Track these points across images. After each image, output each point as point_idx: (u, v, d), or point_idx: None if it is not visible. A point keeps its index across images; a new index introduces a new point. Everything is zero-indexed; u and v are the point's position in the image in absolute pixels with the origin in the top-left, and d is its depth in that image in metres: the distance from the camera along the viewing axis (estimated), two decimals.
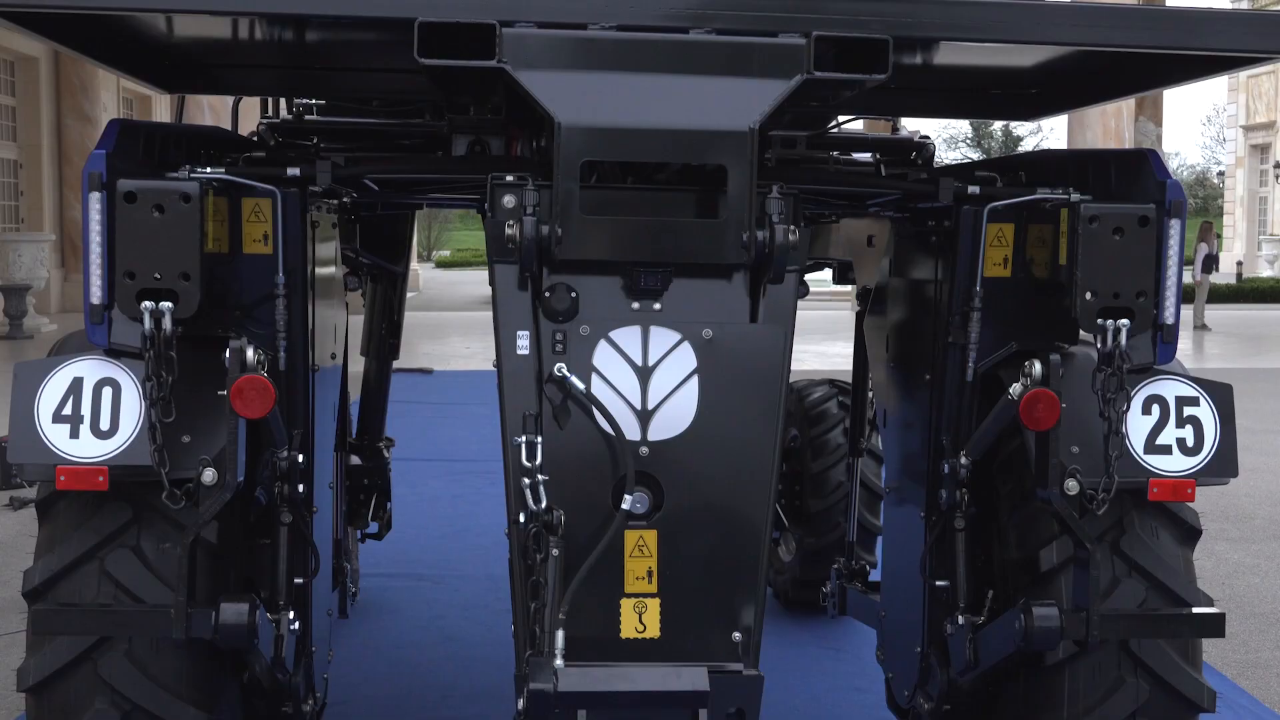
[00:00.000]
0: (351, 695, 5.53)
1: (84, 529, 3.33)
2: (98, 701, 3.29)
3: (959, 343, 3.69)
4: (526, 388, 3.28)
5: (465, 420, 12.80)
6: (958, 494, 3.74)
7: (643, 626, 3.29)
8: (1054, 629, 3.30)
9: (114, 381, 3.26)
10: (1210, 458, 3.46)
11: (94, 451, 3.22)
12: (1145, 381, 3.47)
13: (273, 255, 3.49)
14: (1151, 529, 3.57)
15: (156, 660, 3.31)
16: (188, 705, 3.33)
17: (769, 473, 3.34)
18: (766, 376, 3.33)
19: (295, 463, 3.56)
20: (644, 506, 3.30)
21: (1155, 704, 3.50)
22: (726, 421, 3.32)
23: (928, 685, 3.91)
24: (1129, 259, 3.34)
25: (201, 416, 3.26)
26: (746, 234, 3.20)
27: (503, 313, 3.29)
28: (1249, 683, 6.04)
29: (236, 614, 3.16)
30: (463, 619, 6.61)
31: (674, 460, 3.31)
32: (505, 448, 3.26)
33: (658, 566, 3.30)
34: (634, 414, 3.32)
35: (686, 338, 3.33)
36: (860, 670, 5.96)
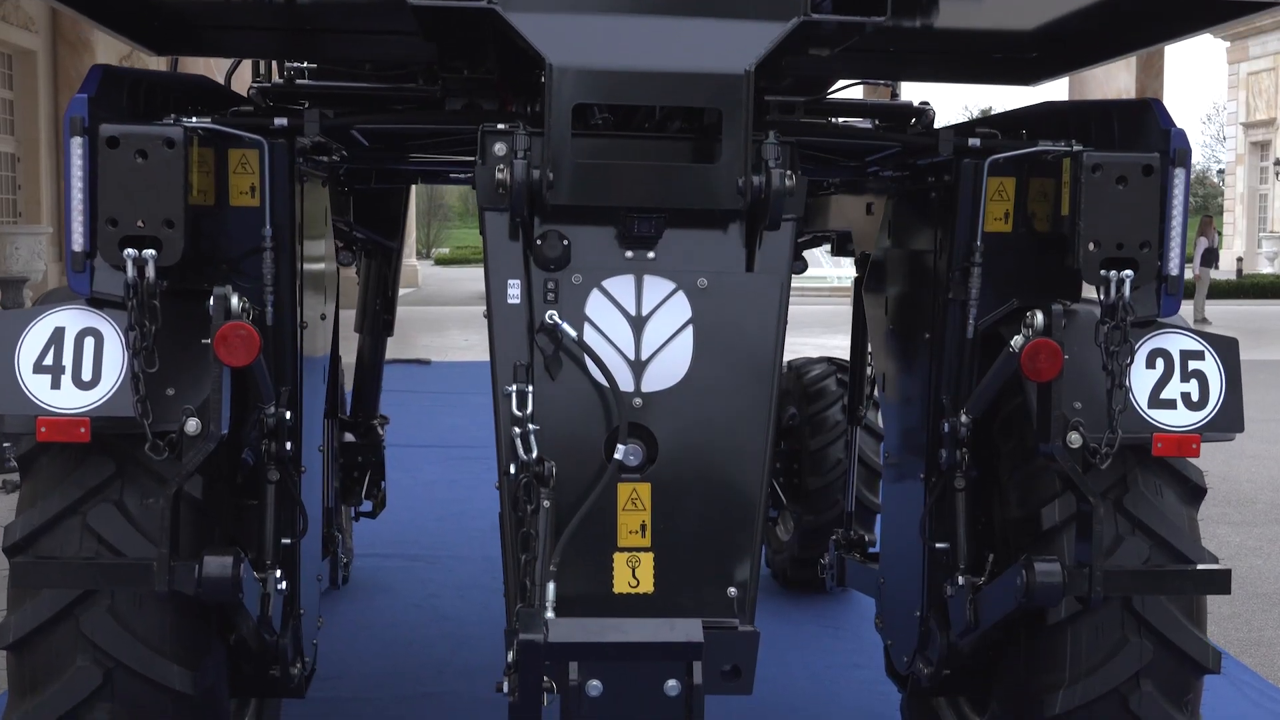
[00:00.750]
0: (343, 670, 5.46)
1: (66, 483, 3.26)
2: (79, 658, 3.22)
3: (959, 299, 3.62)
4: (517, 337, 3.21)
5: (462, 409, 12.73)
6: (958, 453, 3.67)
7: (636, 581, 3.22)
8: (1056, 585, 3.23)
9: (96, 332, 3.19)
10: (1216, 412, 3.40)
11: (75, 402, 3.15)
12: (1149, 335, 3.41)
13: (260, 208, 3.42)
14: (1155, 487, 3.50)
15: (140, 617, 3.24)
16: (171, 663, 3.26)
17: (765, 425, 3.27)
18: (763, 327, 3.26)
19: (283, 420, 3.49)
20: (637, 459, 3.23)
21: (1159, 664, 3.43)
22: (722, 373, 3.25)
23: (927, 650, 3.84)
24: (1132, 209, 3.27)
25: (186, 370, 3.19)
26: (742, 179, 3.13)
27: (493, 261, 3.22)
28: (1252, 660, 5.98)
29: (220, 567, 3.09)
30: (457, 598, 6.54)
31: (668, 412, 3.25)
32: (496, 398, 3.19)
33: (651, 520, 3.22)
34: (627, 365, 3.25)
35: (681, 287, 3.26)
36: (859, 648, 5.90)
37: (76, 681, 3.21)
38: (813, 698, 5.32)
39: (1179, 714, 3.46)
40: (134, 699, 3.25)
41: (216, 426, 3.09)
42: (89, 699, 3.22)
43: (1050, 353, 3.18)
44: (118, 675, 3.23)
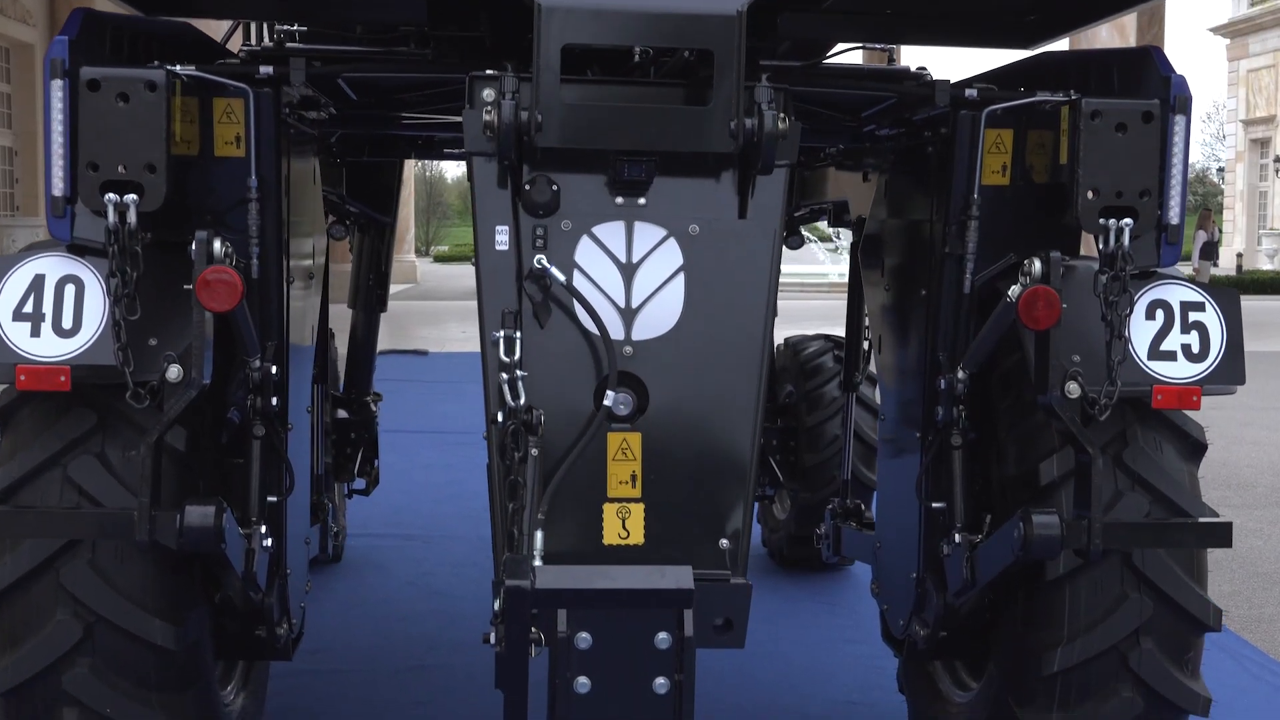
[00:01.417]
0: (333, 643, 5.41)
1: (47, 435, 3.21)
2: (59, 612, 3.16)
3: (955, 254, 3.56)
4: (505, 284, 3.16)
5: (459, 397, 12.68)
6: (955, 411, 3.61)
7: (626, 533, 3.16)
8: (1054, 537, 3.17)
9: (77, 279, 3.13)
10: (1216, 364, 3.34)
11: (56, 351, 3.09)
12: (1148, 286, 3.35)
13: (245, 158, 3.36)
14: (1155, 442, 3.44)
15: (121, 570, 3.18)
16: (153, 617, 3.20)
17: (757, 375, 3.21)
18: (755, 274, 3.21)
19: (268, 374, 3.43)
20: (628, 408, 3.17)
21: (1159, 621, 3.37)
22: (714, 321, 3.20)
23: (923, 612, 3.78)
24: (1132, 157, 3.22)
25: (169, 321, 3.14)
26: (734, 122, 3.07)
27: (481, 207, 3.17)
28: (1252, 636, 5.94)
29: (202, 517, 3.03)
30: (451, 576, 6.49)
31: (659, 361, 3.19)
32: (483, 346, 3.14)
33: (641, 471, 3.17)
34: (617, 312, 3.19)
35: (672, 234, 3.20)
36: (855, 623, 5.86)
37: (56, 635, 3.15)
38: (807, 670, 5.27)
39: (1179, 672, 3.40)
40: (115, 653, 3.19)
41: (199, 374, 3.03)
42: (69, 653, 3.16)
43: (1048, 300, 3.12)
44: (98, 629, 3.17)
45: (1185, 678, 3.41)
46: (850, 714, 4.81)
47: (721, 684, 5.01)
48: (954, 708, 3.96)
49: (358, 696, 4.87)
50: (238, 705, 3.86)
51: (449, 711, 4.72)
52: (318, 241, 4.13)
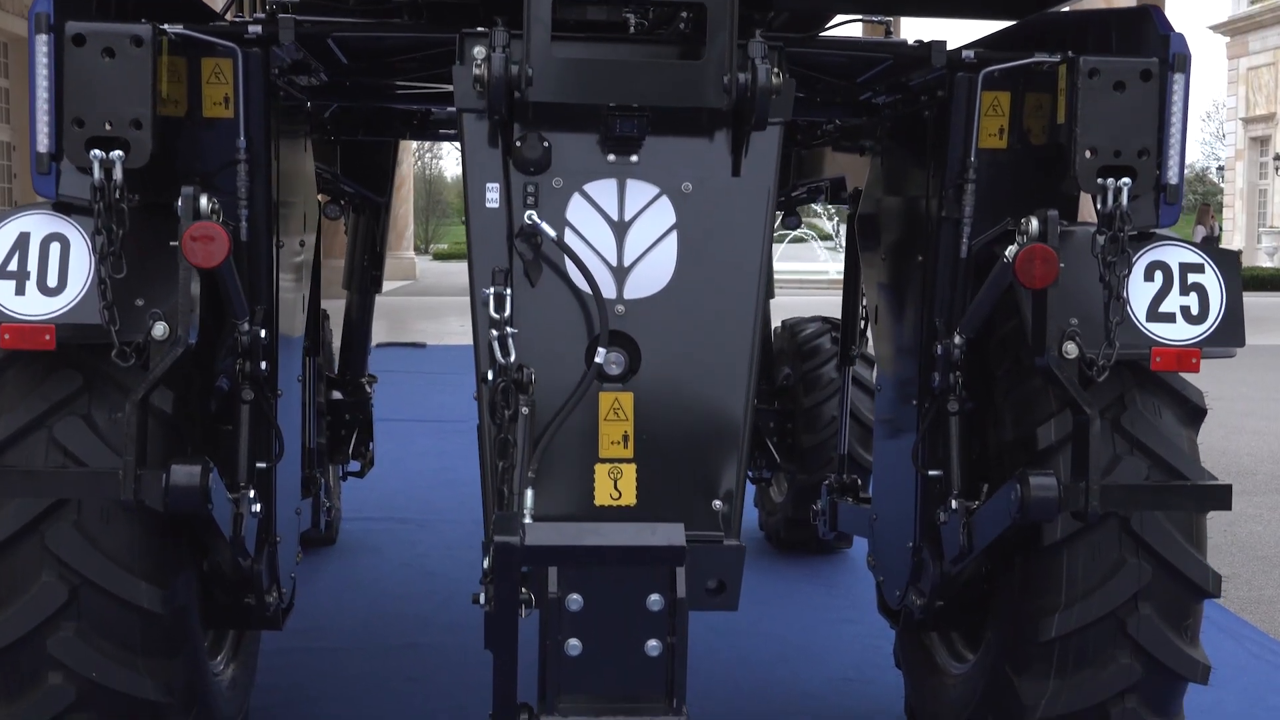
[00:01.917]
0: (325, 622, 5.38)
1: (32, 396, 3.17)
2: (45, 574, 3.12)
3: (952, 218, 3.52)
4: (496, 242, 3.12)
5: (456, 388, 12.62)
6: (951, 377, 3.57)
7: (618, 493, 3.13)
8: (1052, 499, 3.12)
9: (62, 237, 3.09)
10: (1216, 326, 3.30)
11: (41, 309, 3.05)
12: (1147, 247, 3.31)
13: (234, 119, 3.32)
14: (1154, 407, 3.40)
15: (107, 533, 3.14)
16: (139, 580, 3.16)
17: (750, 334, 3.18)
18: (749, 233, 3.17)
19: (257, 338, 3.39)
20: (620, 367, 3.13)
21: (1158, 586, 3.33)
22: (707, 280, 3.16)
23: (920, 581, 3.74)
24: (1130, 115, 3.18)
25: (157, 282, 3.10)
26: (728, 77, 3.03)
27: (471, 165, 3.13)
28: (1252, 617, 5.92)
29: (188, 476, 2.99)
30: (445, 558, 6.46)
31: (651, 320, 3.15)
32: (474, 305, 3.10)
33: (634, 431, 3.13)
34: (609, 271, 3.15)
35: (665, 191, 3.17)
36: (852, 603, 5.83)
37: (41, 598, 3.11)
38: (803, 649, 5.23)
39: (1178, 639, 3.36)
40: (101, 616, 3.15)
41: (185, 331, 2.99)
42: (54, 616, 3.12)
43: (1045, 258, 3.08)
44: (84, 592, 3.13)
45: (1184, 644, 3.37)
46: (847, 691, 4.77)
47: (717, 662, 4.98)
48: (950, 679, 3.92)
49: (350, 673, 4.84)
50: (227, 676, 3.82)
51: (442, 688, 4.69)
52: (309, 210, 4.09)
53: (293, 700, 4.53)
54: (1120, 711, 3.38)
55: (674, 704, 2.97)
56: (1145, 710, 3.39)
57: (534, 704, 2.96)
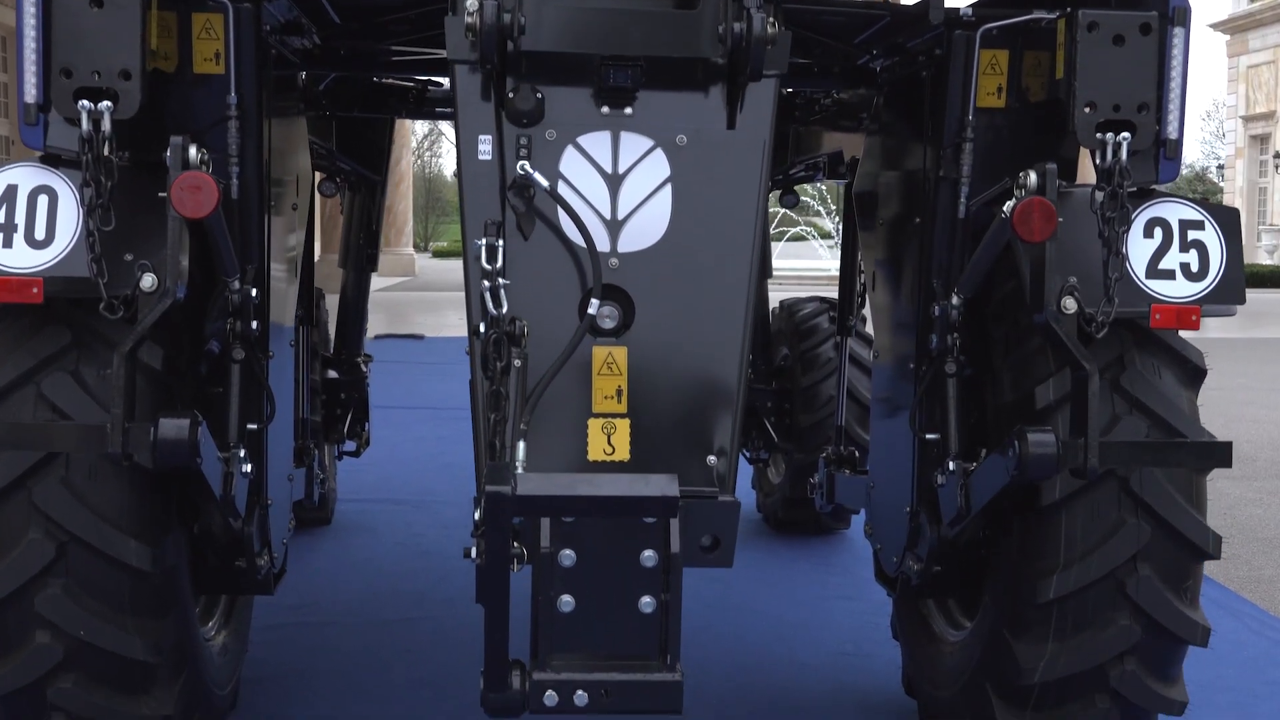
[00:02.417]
0: (321, 599, 5.36)
1: (20, 352, 3.13)
2: (32, 531, 3.09)
3: (950, 177, 3.49)
4: (488, 194, 3.09)
5: (454, 378, 12.59)
6: (949, 338, 3.54)
7: (611, 449, 3.09)
8: (1050, 455, 3.09)
9: (50, 190, 3.06)
10: (1216, 284, 3.27)
11: (28, 262, 3.02)
12: (1147, 204, 3.28)
13: (225, 75, 3.29)
14: (1153, 367, 3.37)
15: (95, 489, 3.11)
16: (128, 538, 3.12)
17: (745, 289, 3.14)
18: (744, 186, 3.14)
19: (248, 297, 3.36)
20: (613, 321, 3.10)
21: (1157, 546, 3.29)
22: (701, 233, 3.13)
23: (917, 546, 3.70)
24: (1130, 69, 3.15)
25: (147, 239, 3.06)
26: (722, 26, 3.00)
27: (464, 116, 3.10)
28: (1252, 595, 5.90)
29: (176, 429, 2.95)
30: (441, 537, 6.43)
31: (645, 273, 3.12)
32: (465, 260, 3.06)
33: (627, 385, 3.10)
34: (603, 224, 3.12)
35: (659, 144, 3.13)
36: (850, 581, 5.81)
37: (28, 555, 3.08)
38: (801, 625, 5.20)
39: (1178, 600, 3.32)
40: (89, 574, 3.12)
41: (173, 283, 2.95)
42: (41, 574, 3.09)
43: (1044, 211, 3.05)
44: (72, 549, 3.10)
45: (1184, 606, 3.33)
46: (844, 666, 4.74)
47: (713, 638, 4.95)
48: (948, 647, 3.89)
49: (345, 647, 4.81)
50: (219, 642, 3.79)
51: (437, 661, 4.65)
52: (302, 175, 4.06)
53: (286, 673, 4.50)
54: (1119, 674, 3.34)
55: (668, 661, 2.94)
56: (1144, 673, 3.36)
57: (526, 661, 2.93)
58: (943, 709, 3.82)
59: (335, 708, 4.21)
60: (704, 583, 5.61)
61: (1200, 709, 4.26)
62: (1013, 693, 3.44)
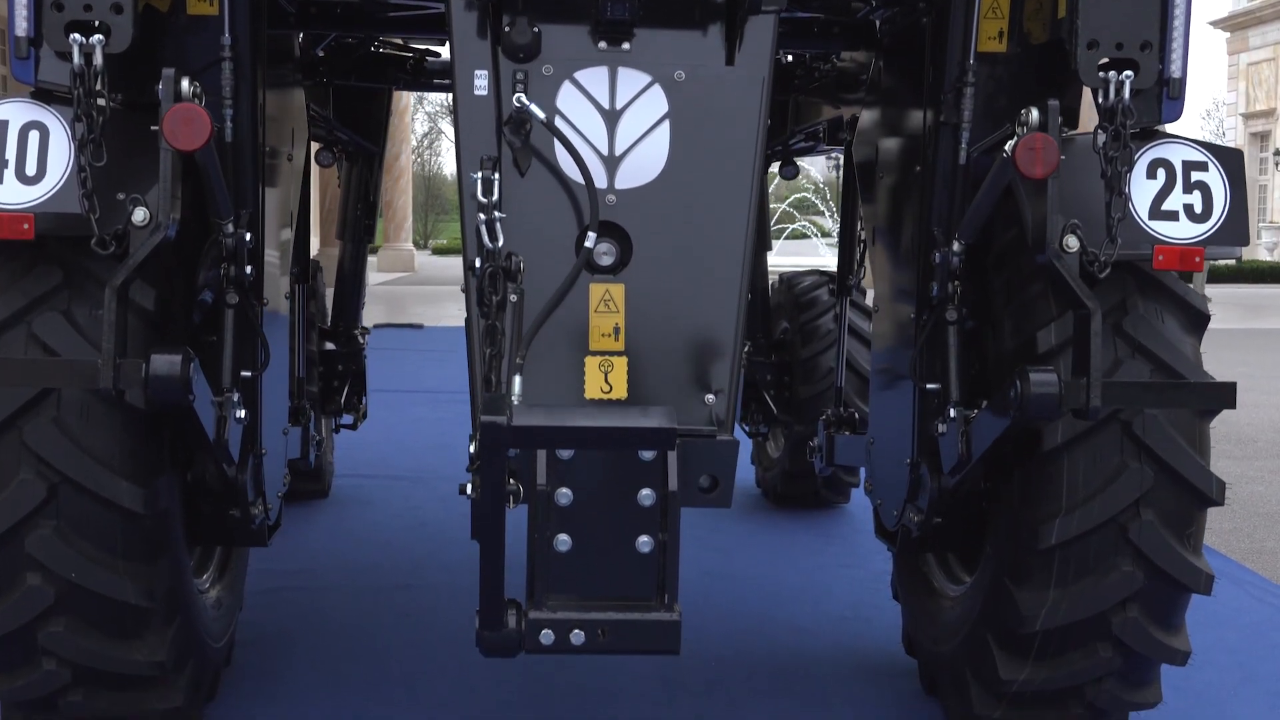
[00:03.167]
0: (318, 567, 5.33)
1: (11, 291, 3.10)
2: (23, 471, 3.05)
3: (951, 123, 3.45)
4: (484, 130, 3.05)
5: (452, 365, 12.60)
6: (950, 286, 3.50)
7: (608, 387, 3.06)
8: (1052, 395, 3.05)
9: (41, 125, 3.03)
10: (1220, 225, 3.23)
11: (19, 198, 2.99)
12: (1150, 145, 3.25)
13: (219, 16, 3.26)
14: (1156, 312, 3.33)
15: (87, 430, 3.08)
16: (120, 479, 3.09)
17: (744, 226, 3.11)
18: (743, 123, 3.10)
19: (242, 241, 3.33)
20: (611, 258, 3.06)
21: (1160, 492, 3.25)
22: (700, 170, 3.09)
23: (918, 498, 3.67)
24: (1132, 7, 3.12)
25: (140, 178, 3.03)
26: None
27: (459, 51, 3.06)
28: (1254, 566, 5.88)
29: (169, 365, 2.91)
30: (440, 510, 6.39)
31: (643, 210, 3.08)
32: (461, 197, 3.03)
33: (624, 323, 3.06)
34: (600, 160, 3.08)
35: (657, 80, 3.10)
36: (849, 550, 5.79)
37: (19, 495, 3.05)
38: (801, 590, 5.17)
39: (1181, 547, 3.28)
40: (81, 516, 3.08)
41: (165, 217, 2.92)
42: (32, 514, 3.06)
43: (1047, 146, 3.01)
44: (63, 490, 3.07)
45: (1187, 552, 3.29)
46: (844, 629, 4.71)
47: (712, 604, 4.92)
48: (948, 602, 3.86)
49: (342, 609, 4.78)
50: (213, 595, 3.76)
51: (435, 624, 4.62)
52: (297, 126, 4.03)
53: (282, 632, 4.47)
54: (1121, 622, 3.31)
55: (665, 600, 2.91)
56: (1147, 621, 3.32)
57: (522, 602, 2.90)
58: (943, 664, 3.78)
59: (331, 668, 4.17)
60: (703, 551, 5.59)
61: (1203, 669, 4.24)
62: (1014, 642, 3.40)
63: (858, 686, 4.12)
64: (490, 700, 3.92)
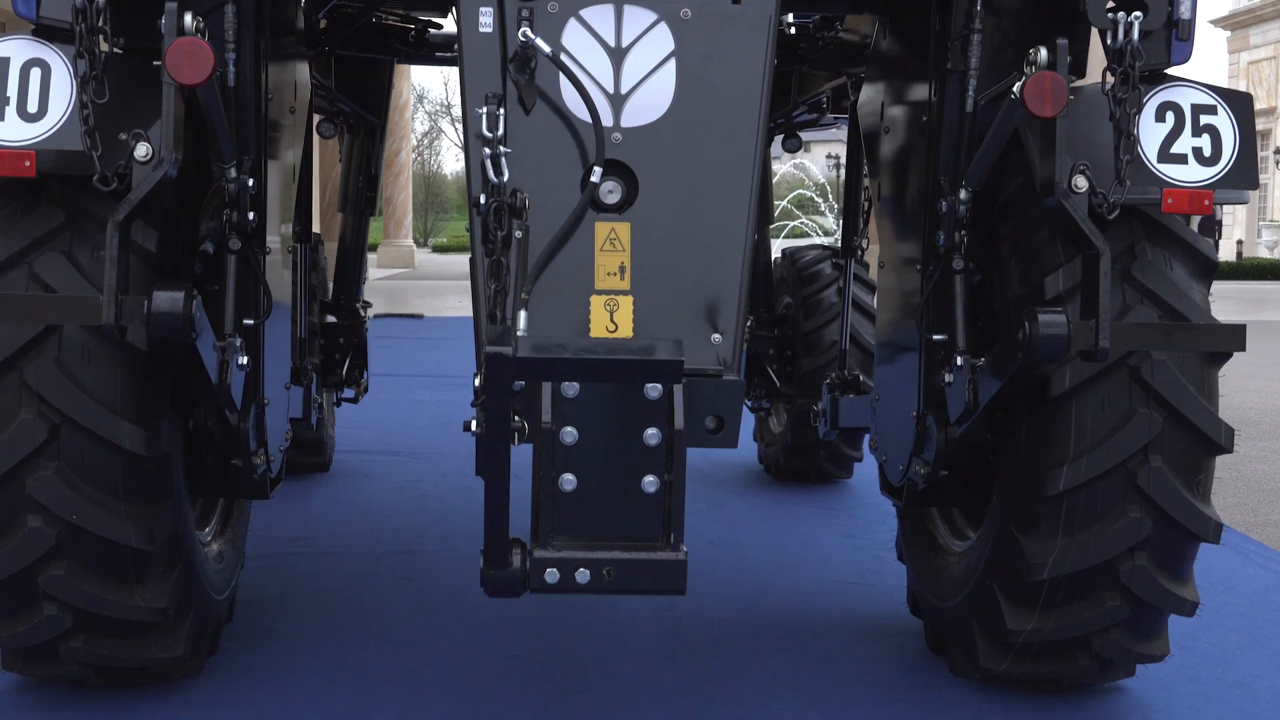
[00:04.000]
0: (320, 534, 5.30)
1: (12, 232, 3.08)
2: (24, 411, 3.03)
3: (958, 70, 3.43)
4: (489, 67, 3.03)
5: (453, 351, 12.61)
6: (957, 235, 3.48)
7: (614, 325, 3.03)
8: (1061, 336, 3.02)
9: (43, 63, 3.01)
10: (1229, 168, 3.20)
11: (21, 135, 2.97)
12: (1159, 88, 3.23)
13: None
14: (1164, 259, 3.31)
15: (89, 370, 3.06)
16: (122, 420, 3.07)
17: (750, 165, 3.09)
18: (749, 62, 3.08)
19: (244, 187, 3.31)
20: (616, 196, 3.04)
21: (1169, 438, 3.23)
22: (706, 108, 3.07)
23: (924, 450, 3.64)
24: None
25: (142, 121, 3.01)
26: None
27: None
28: (1258, 538, 5.83)
29: (171, 301, 2.89)
30: (441, 483, 6.37)
31: (649, 148, 3.06)
32: (466, 135, 3.01)
33: (630, 262, 3.04)
34: (606, 98, 3.06)
35: (663, 17, 3.08)
36: (852, 521, 5.76)
37: (20, 436, 3.03)
38: (803, 558, 5.15)
39: (1190, 494, 3.26)
40: (82, 457, 3.06)
41: (168, 152, 2.90)
42: (33, 455, 3.04)
43: (1055, 84, 2.98)
44: (64, 431, 3.05)
45: (1196, 499, 3.27)
46: (847, 593, 4.68)
47: (716, 569, 4.89)
48: (954, 557, 3.83)
49: (344, 572, 4.75)
50: (214, 549, 3.74)
51: (437, 587, 4.59)
52: (300, 82, 4.00)
53: (283, 594, 4.44)
54: (1129, 570, 3.29)
55: (671, 540, 2.89)
56: (1155, 569, 3.30)
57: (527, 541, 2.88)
58: (949, 620, 3.76)
59: (331, 627, 4.14)
60: (705, 522, 5.57)
61: (1210, 630, 4.22)
62: (1021, 591, 3.38)
63: (862, 647, 4.09)
64: (492, 658, 3.89)
